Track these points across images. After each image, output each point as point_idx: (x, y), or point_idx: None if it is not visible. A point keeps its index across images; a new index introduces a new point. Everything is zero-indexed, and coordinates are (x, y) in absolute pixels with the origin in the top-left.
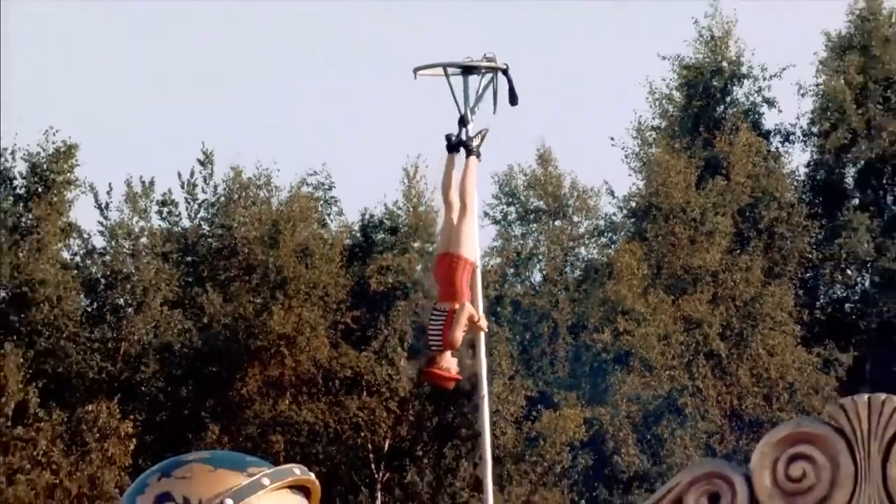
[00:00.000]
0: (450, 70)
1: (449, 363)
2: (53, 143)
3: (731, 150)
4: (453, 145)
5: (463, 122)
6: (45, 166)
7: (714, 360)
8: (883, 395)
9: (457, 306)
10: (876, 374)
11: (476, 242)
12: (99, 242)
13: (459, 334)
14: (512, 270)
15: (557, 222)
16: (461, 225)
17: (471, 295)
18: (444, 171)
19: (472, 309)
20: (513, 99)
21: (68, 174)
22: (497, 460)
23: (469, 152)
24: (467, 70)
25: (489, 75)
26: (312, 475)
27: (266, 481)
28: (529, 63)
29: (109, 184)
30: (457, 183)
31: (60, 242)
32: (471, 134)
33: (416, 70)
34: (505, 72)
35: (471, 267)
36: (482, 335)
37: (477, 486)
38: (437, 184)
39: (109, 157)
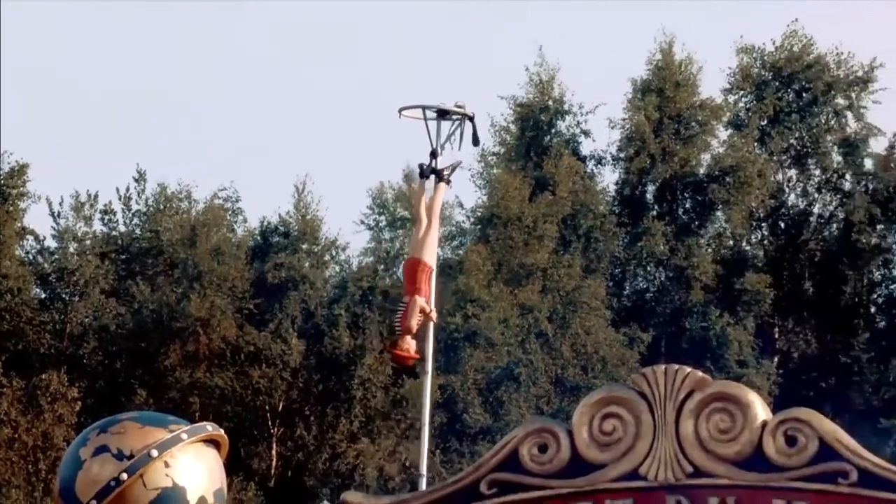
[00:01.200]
0: (428, 112)
1: (409, 345)
2: (9, 163)
3: (556, 171)
4: (424, 173)
5: (434, 154)
6: (2, 182)
7: (543, 339)
8: (676, 366)
9: (415, 300)
10: (669, 349)
11: (435, 251)
12: (51, 243)
13: (414, 322)
14: (382, 267)
15: None
16: (427, 237)
17: (427, 291)
18: (417, 193)
19: (423, 302)
20: (475, 141)
21: (21, 188)
22: (369, 418)
23: (440, 179)
24: (442, 113)
25: (458, 120)
26: (222, 431)
27: (184, 436)
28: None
29: (61, 196)
30: (424, 202)
31: (17, 244)
32: (440, 165)
33: (400, 110)
34: (471, 118)
35: (429, 270)
36: (431, 323)
37: (352, 438)
38: (322, 196)
39: (63, 173)
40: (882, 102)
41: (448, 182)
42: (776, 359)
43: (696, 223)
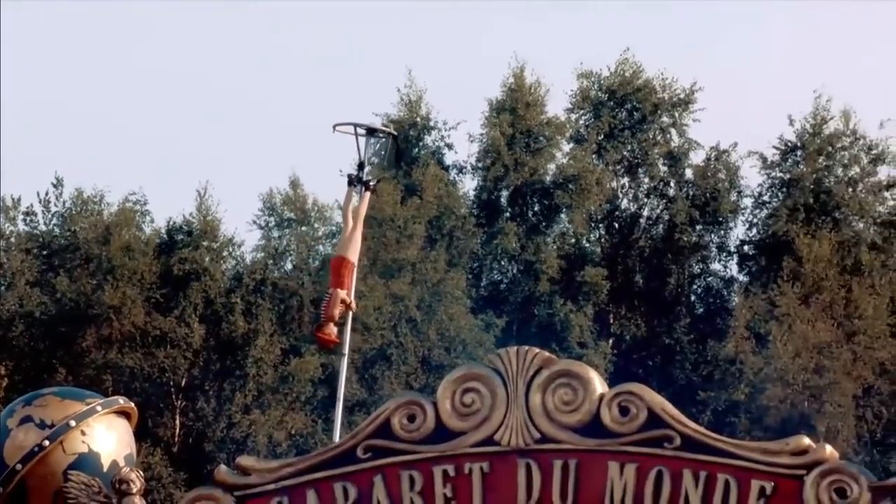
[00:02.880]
0: (358, 129)
1: (331, 330)
2: None
3: (423, 178)
4: (353, 181)
5: (361, 166)
6: None
7: (412, 324)
8: (526, 347)
9: (338, 292)
10: (520, 333)
11: (358, 250)
12: None
13: (336, 311)
14: (271, 262)
15: (304, 228)
16: (352, 237)
17: (349, 284)
18: (345, 199)
19: (345, 294)
20: (398, 158)
21: None
22: (261, 392)
23: (366, 188)
24: (370, 131)
25: (383, 137)
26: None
27: (99, 408)
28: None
29: None
30: (351, 207)
31: None
32: (368, 176)
33: (334, 126)
34: (395, 137)
35: (352, 266)
36: (350, 312)
37: (246, 410)
38: (221, 199)
39: None
40: (701, 121)
41: (374, 191)
42: (611, 341)
43: (544, 224)
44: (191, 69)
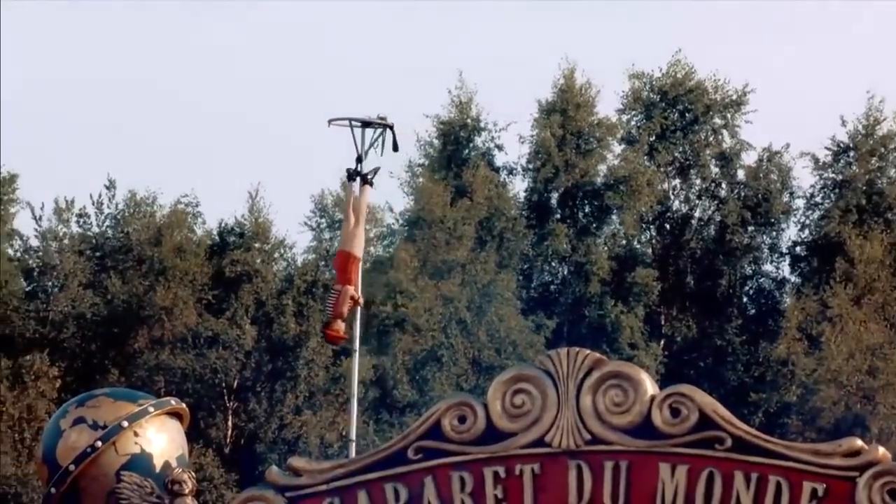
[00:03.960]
0: (353, 122)
1: (339, 327)
2: (0, 173)
3: (473, 180)
4: (352, 176)
5: (359, 159)
6: None
7: (462, 325)
8: (576, 349)
9: (347, 288)
10: (571, 334)
11: (363, 245)
12: (34, 243)
13: (345, 308)
14: (322, 263)
15: None
16: (356, 231)
17: (356, 280)
18: (346, 194)
19: (353, 291)
20: (395, 147)
21: (11, 195)
22: (312, 394)
23: (364, 182)
24: (365, 124)
25: (380, 129)
26: (183, 405)
27: (151, 409)
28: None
29: (42, 202)
30: (352, 202)
31: (6, 243)
32: (365, 170)
33: (329, 121)
34: (391, 128)
35: (358, 261)
36: (359, 308)
37: (297, 411)
38: (273, 201)
39: (46, 181)
40: (753, 122)
41: (371, 184)
42: (662, 342)
43: (594, 225)
44: (244, 70)
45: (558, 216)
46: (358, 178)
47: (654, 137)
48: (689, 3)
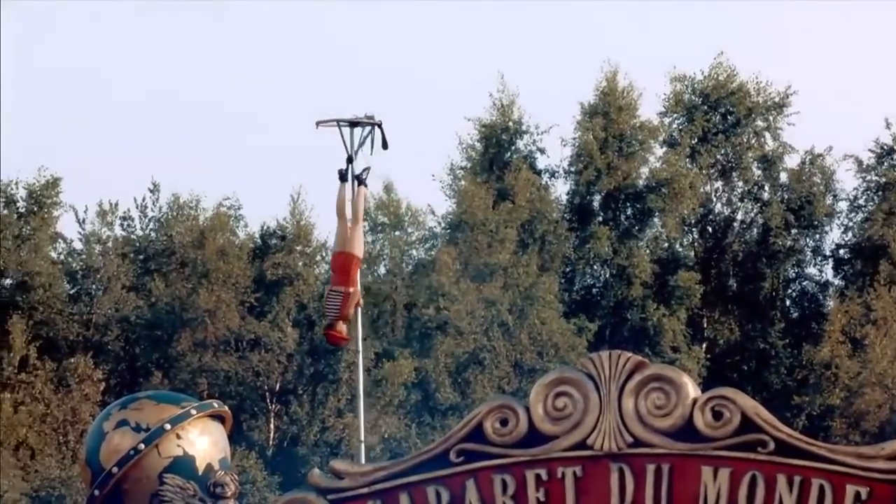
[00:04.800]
0: (341, 123)
1: (342, 328)
2: (44, 176)
3: (515, 183)
4: (343, 176)
5: (350, 160)
6: (38, 193)
7: (504, 328)
8: (619, 351)
9: (350, 290)
10: (613, 337)
11: (362, 245)
12: (78, 246)
13: (350, 310)
14: (364, 266)
15: (397, 232)
16: (355, 232)
17: (356, 281)
18: (338, 195)
19: (353, 291)
20: (384, 145)
21: (55, 198)
22: (353, 396)
23: (359, 182)
24: (353, 123)
25: (368, 128)
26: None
27: (194, 411)
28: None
29: (86, 206)
30: (345, 202)
31: (50, 246)
32: (357, 170)
33: (317, 123)
34: (379, 126)
35: (358, 262)
36: (359, 310)
37: (339, 414)
38: (314, 204)
39: (90, 184)
40: (795, 124)
41: (365, 185)
42: (704, 345)
43: (636, 228)
44: (286, 72)
45: (600, 219)
46: (350, 179)
47: (695, 140)
48: (731, 4)
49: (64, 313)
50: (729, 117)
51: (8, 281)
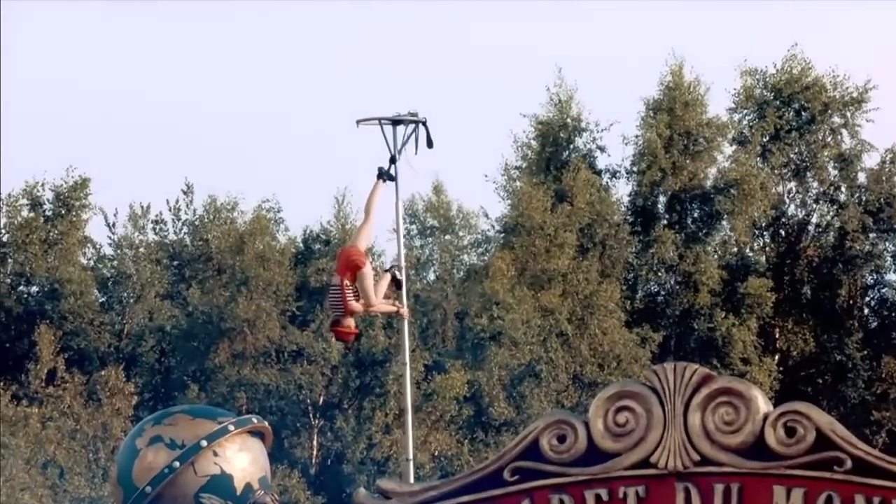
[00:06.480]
0: (383, 121)
1: (350, 322)
2: (72, 177)
3: (574, 183)
4: (382, 175)
5: (393, 160)
6: (66, 195)
7: (563, 338)
8: (684, 364)
9: (346, 281)
10: (678, 348)
11: (367, 239)
12: (108, 251)
13: (353, 302)
14: (413, 272)
15: (447, 236)
16: (363, 227)
17: (353, 276)
18: (372, 191)
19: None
20: (429, 143)
21: (83, 200)
22: (402, 411)
23: (391, 178)
24: (396, 122)
25: (412, 126)
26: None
27: (231, 427)
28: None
29: (116, 208)
30: (377, 202)
31: (80, 251)
32: (396, 170)
33: (358, 121)
34: (424, 123)
35: (358, 252)
36: (405, 321)
37: (387, 429)
38: (360, 207)
39: (119, 186)
40: (875, 121)
41: (385, 179)
42: (777, 357)
43: (703, 232)
44: (330, 70)
45: (665, 222)
46: (390, 179)
47: (767, 138)
48: None
49: (94, 323)
50: (803, 113)
51: (35, 288)
